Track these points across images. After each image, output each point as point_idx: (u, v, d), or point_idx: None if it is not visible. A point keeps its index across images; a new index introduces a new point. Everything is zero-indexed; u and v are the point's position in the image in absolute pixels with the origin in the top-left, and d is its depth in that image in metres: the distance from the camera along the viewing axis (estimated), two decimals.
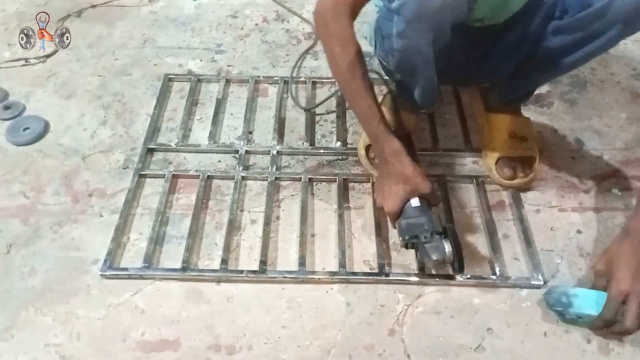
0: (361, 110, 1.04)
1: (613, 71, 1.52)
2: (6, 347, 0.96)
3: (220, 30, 1.65)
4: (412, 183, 1.01)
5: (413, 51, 0.98)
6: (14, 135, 1.31)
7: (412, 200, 1.01)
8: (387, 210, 1.03)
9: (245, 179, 1.23)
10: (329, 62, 1.05)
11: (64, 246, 1.11)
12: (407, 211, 1.01)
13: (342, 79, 1.03)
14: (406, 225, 1.01)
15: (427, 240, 0.98)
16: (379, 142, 1.04)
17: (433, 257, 0.97)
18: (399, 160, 1.01)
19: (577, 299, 0.99)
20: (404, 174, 1.01)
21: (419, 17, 0.90)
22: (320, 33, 1.05)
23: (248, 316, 1.01)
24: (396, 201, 1.01)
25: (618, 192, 1.22)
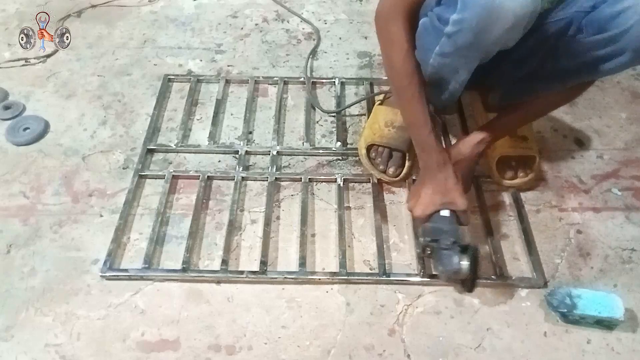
0: (413, 117, 1.04)
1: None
2: (6, 347, 0.96)
3: (220, 30, 1.65)
4: (450, 196, 1.02)
5: (450, 71, 0.99)
6: (14, 135, 1.30)
7: (443, 210, 1.01)
8: (417, 213, 1.04)
9: (245, 179, 1.23)
10: (386, 66, 1.06)
11: (64, 246, 1.11)
12: (435, 218, 1.02)
13: (400, 85, 1.03)
14: (431, 229, 1.01)
15: (446, 248, 0.98)
16: (426, 150, 1.04)
17: (447, 267, 0.97)
18: (445, 171, 1.02)
19: (580, 301, 0.99)
20: (445, 186, 1.02)
21: (471, 47, 0.91)
22: (379, 36, 1.04)
23: (248, 316, 1.01)
24: (428, 207, 1.02)
25: (618, 192, 1.22)
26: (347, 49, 1.58)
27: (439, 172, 1.03)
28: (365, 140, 1.23)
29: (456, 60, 0.96)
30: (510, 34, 0.89)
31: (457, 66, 0.98)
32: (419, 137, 1.04)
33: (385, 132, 1.21)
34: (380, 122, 1.22)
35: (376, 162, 1.22)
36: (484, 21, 0.86)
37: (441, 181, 1.02)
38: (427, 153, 1.04)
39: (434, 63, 0.99)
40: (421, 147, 1.05)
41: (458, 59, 0.96)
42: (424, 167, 1.06)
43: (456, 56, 0.95)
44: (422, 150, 1.05)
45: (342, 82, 1.46)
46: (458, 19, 0.88)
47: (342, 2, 1.76)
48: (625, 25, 0.90)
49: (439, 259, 0.99)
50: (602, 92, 1.46)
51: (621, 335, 0.99)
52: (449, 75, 1.01)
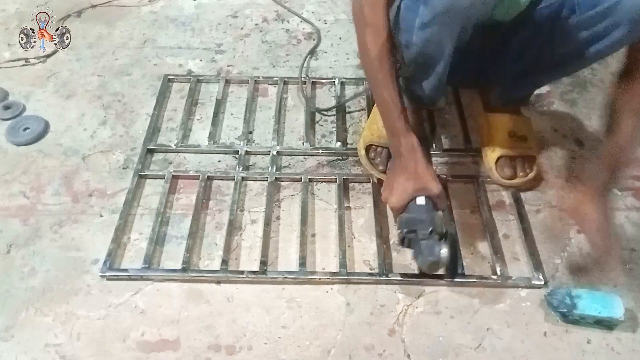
0: (383, 100, 1.01)
1: (613, 71, 1.51)
2: (6, 347, 0.96)
3: (220, 30, 1.65)
4: (422, 182, 0.99)
5: (433, 44, 0.97)
6: (14, 135, 1.30)
7: (419, 198, 0.99)
8: (391, 204, 1.02)
9: (246, 179, 1.23)
10: (359, 49, 1.04)
11: (64, 246, 1.11)
12: (411, 207, 1.00)
13: (370, 67, 1.01)
14: (406, 219, 0.99)
15: (424, 237, 0.97)
16: (396, 135, 1.01)
17: (427, 257, 0.96)
18: (414, 156, 1.00)
19: (580, 300, 0.99)
20: (416, 171, 0.99)
21: (448, 11, 0.89)
22: (354, 19, 1.03)
23: (248, 316, 1.01)
24: (402, 196, 1.00)
25: (618, 192, 1.22)
26: (347, 49, 1.58)
27: (408, 157, 1.00)
28: (364, 140, 1.23)
29: (437, 31, 0.94)
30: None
31: (440, 38, 0.96)
32: (389, 120, 1.02)
33: (384, 133, 1.20)
34: (379, 122, 1.21)
35: (375, 162, 1.22)
36: None
37: (411, 167, 1.00)
38: (397, 138, 1.01)
39: (417, 40, 0.97)
40: (391, 132, 1.02)
41: (439, 28, 0.94)
42: (395, 154, 1.04)
43: (436, 25, 0.93)
44: (392, 136, 1.03)
45: (342, 82, 1.46)
46: None
47: (342, 2, 1.76)
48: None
49: (418, 250, 0.98)
50: (602, 92, 1.46)
51: (621, 335, 0.99)
52: (434, 52, 0.99)
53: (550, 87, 1.46)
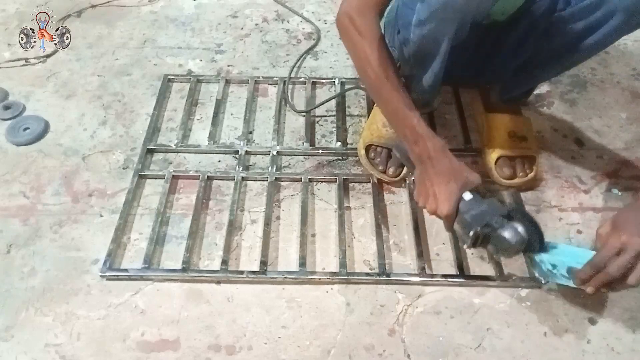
0: (396, 109, 0.98)
1: (613, 71, 1.52)
2: (6, 347, 0.96)
3: (220, 30, 1.65)
4: (462, 177, 0.95)
5: (430, 41, 0.96)
6: (14, 135, 1.31)
7: (465, 194, 0.95)
8: (444, 212, 0.95)
9: (246, 179, 1.23)
10: (357, 63, 1.01)
11: (64, 246, 1.11)
12: (464, 206, 0.95)
13: (375, 79, 0.98)
14: (472, 218, 0.93)
15: (499, 226, 0.91)
16: (420, 141, 0.96)
17: (512, 240, 0.90)
18: (445, 155, 0.96)
19: (555, 250, 0.95)
20: (453, 169, 0.95)
21: (445, 7, 0.88)
22: (346, 33, 1.00)
23: (248, 316, 1.01)
24: (451, 201, 0.94)
25: (618, 192, 1.22)
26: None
27: (440, 158, 0.96)
28: (364, 141, 1.23)
29: (434, 27, 0.93)
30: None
31: (437, 35, 0.95)
32: (408, 128, 0.97)
33: (384, 133, 1.21)
34: (379, 122, 1.22)
35: (375, 162, 1.22)
36: None
37: (446, 166, 0.95)
38: (422, 143, 0.96)
39: (414, 37, 0.96)
40: (413, 139, 0.97)
41: (436, 24, 0.93)
42: (421, 160, 0.98)
43: (433, 21, 0.92)
44: (414, 143, 0.97)
45: (342, 82, 1.46)
46: None
47: None
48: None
49: (498, 241, 0.92)
50: (602, 92, 1.46)
51: (621, 335, 0.99)
52: (431, 49, 0.98)
53: (550, 87, 1.46)
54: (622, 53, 1.56)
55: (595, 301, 1.03)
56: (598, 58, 1.53)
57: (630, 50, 1.58)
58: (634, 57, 1.56)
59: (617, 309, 1.03)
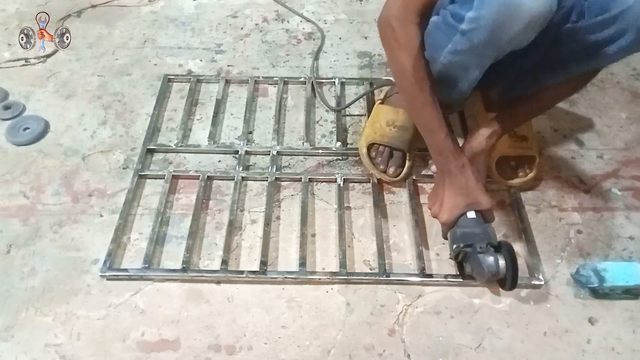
0: (427, 122, 1.03)
1: (613, 71, 1.52)
2: (6, 347, 0.96)
3: (220, 30, 1.65)
4: (473, 197, 1.01)
5: (461, 69, 0.98)
6: (14, 135, 1.30)
7: (469, 212, 1.01)
8: (443, 219, 1.04)
9: (246, 179, 1.23)
10: (395, 71, 1.05)
11: (64, 246, 1.11)
12: (462, 221, 1.02)
13: (410, 91, 1.02)
14: (462, 234, 1.00)
15: (482, 251, 0.97)
16: (444, 154, 1.03)
17: (487, 269, 0.96)
18: (464, 173, 1.02)
19: (607, 273, 1.02)
20: (467, 187, 1.02)
21: (487, 45, 0.90)
22: (386, 41, 1.03)
23: (248, 316, 1.01)
24: (454, 211, 1.02)
25: (618, 192, 1.22)
26: (347, 49, 1.58)
27: (459, 174, 1.02)
28: (366, 139, 1.23)
29: (469, 59, 0.96)
30: (526, 33, 0.88)
31: (469, 64, 0.97)
32: (435, 141, 1.03)
33: (387, 132, 1.20)
34: (382, 121, 1.22)
35: (377, 161, 1.22)
36: (501, 19, 0.85)
37: (462, 183, 1.02)
38: (445, 157, 1.03)
39: (445, 61, 0.97)
40: (437, 152, 1.04)
41: (471, 57, 0.95)
42: (442, 171, 1.05)
43: (469, 54, 0.94)
44: (439, 155, 1.04)
45: (342, 82, 1.46)
46: (474, 17, 0.87)
47: (342, 2, 1.76)
48: (626, 4, 0.89)
49: (475, 263, 0.98)
50: (602, 92, 1.46)
51: (621, 335, 0.99)
52: (459, 74, 1.00)
53: None
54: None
55: (595, 301, 1.03)
56: None
57: None
58: (634, 57, 1.55)
59: (617, 309, 1.03)
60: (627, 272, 1.02)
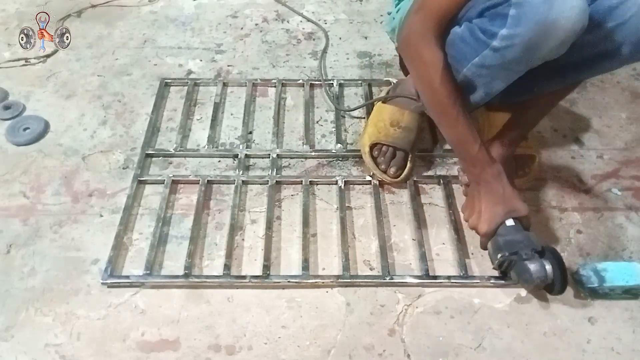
0: (460, 135, 1.02)
1: (613, 71, 1.52)
2: (6, 347, 0.96)
3: (220, 30, 1.65)
4: (510, 205, 1.01)
5: (484, 81, 0.99)
6: (14, 135, 1.30)
7: (507, 220, 1.01)
8: (483, 230, 1.03)
9: (246, 183, 1.22)
10: (422, 89, 1.05)
11: (64, 246, 1.11)
12: (502, 230, 1.01)
13: (440, 106, 1.02)
14: (504, 243, 1.00)
15: (527, 258, 0.97)
16: (479, 165, 1.02)
17: (535, 275, 0.96)
18: (500, 182, 1.02)
19: (607, 273, 1.02)
20: (504, 195, 1.01)
21: (519, 62, 0.91)
22: (411, 60, 1.03)
23: (248, 316, 1.01)
24: (493, 222, 1.01)
25: (618, 192, 1.22)
26: (347, 49, 1.58)
27: (495, 183, 1.02)
28: (369, 137, 1.23)
29: (496, 72, 0.96)
30: (559, 49, 0.89)
31: (495, 77, 0.97)
32: (469, 153, 1.03)
33: (391, 132, 1.20)
34: (386, 120, 1.21)
35: (379, 161, 1.21)
36: (537, 38, 0.85)
37: (499, 192, 1.02)
38: (480, 167, 1.02)
39: (468, 73, 0.98)
40: (471, 163, 1.04)
41: (499, 71, 0.95)
42: (477, 182, 1.04)
43: (498, 69, 0.94)
44: (473, 166, 1.04)
45: (341, 83, 1.46)
46: (509, 35, 0.87)
47: (342, 2, 1.76)
48: (623, 17, 0.90)
49: (522, 270, 0.98)
50: (602, 92, 1.46)
51: (621, 335, 0.99)
52: (480, 85, 1.01)
53: None
54: None
55: (595, 301, 1.03)
56: None
57: None
58: None
59: (617, 309, 1.03)
60: (627, 272, 1.02)
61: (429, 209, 1.19)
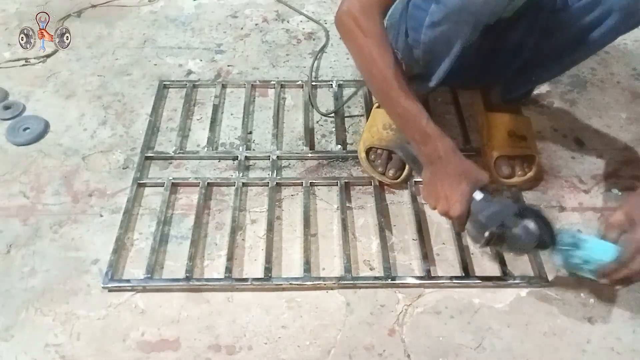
0: (406, 110, 0.97)
1: (613, 71, 1.52)
2: (6, 347, 0.96)
3: (220, 30, 1.65)
4: (472, 176, 0.95)
5: (442, 43, 0.95)
6: (14, 135, 1.30)
7: (475, 194, 0.94)
8: (456, 212, 0.94)
9: (246, 185, 1.22)
10: (362, 64, 1.00)
11: (64, 246, 1.11)
12: (476, 207, 0.94)
13: (382, 80, 0.97)
14: (486, 219, 0.92)
15: (514, 225, 0.91)
16: (430, 141, 0.96)
17: (526, 239, 0.91)
18: (455, 155, 0.96)
19: (586, 244, 0.94)
20: (464, 169, 0.95)
21: (461, 9, 0.88)
22: (349, 33, 0.98)
23: (248, 316, 1.01)
24: (463, 201, 0.93)
25: (618, 192, 1.22)
26: (347, 49, 1.58)
27: (449, 158, 0.96)
28: (364, 143, 1.23)
29: (447, 29, 0.93)
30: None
31: (450, 36, 0.94)
32: (417, 129, 0.97)
33: (384, 135, 1.20)
34: (379, 124, 1.22)
35: (375, 164, 1.21)
36: None
37: (458, 167, 0.95)
38: (432, 144, 0.96)
39: (425, 38, 0.96)
40: (421, 140, 0.97)
41: (449, 26, 0.92)
42: (431, 161, 0.97)
43: (447, 23, 0.91)
44: (423, 144, 0.97)
45: (340, 84, 1.45)
46: None
47: None
48: None
49: (513, 239, 0.92)
50: (602, 92, 1.46)
51: (621, 335, 0.99)
52: (442, 50, 0.97)
53: (550, 87, 1.46)
54: (622, 53, 1.56)
55: (595, 301, 1.03)
56: (598, 58, 1.53)
57: (630, 50, 1.58)
58: (634, 57, 1.56)
59: (617, 309, 1.03)
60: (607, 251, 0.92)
61: (429, 209, 1.18)
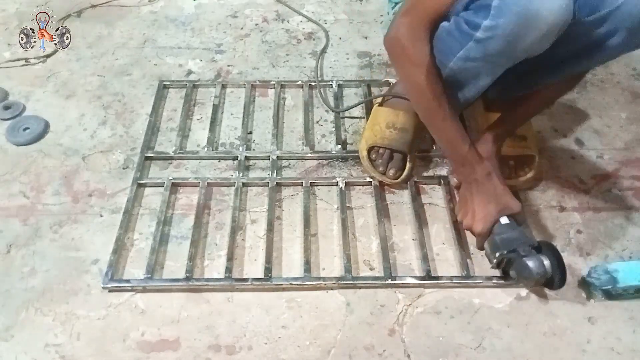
0: (450, 136, 1.03)
1: (613, 71, 1.52)
2: (6, 347, 0.96)
3: (220, 30, 1.65)
4: (503, 202, 1.01)
5: (471, 76, 0.98)
6: (14, 135, 1.30)
7: (502, 218, 1.01)
8: (478, 231, 1.03)
9: (246, 185, 1.22)
10: (410, 90, 1.05)
11: (64, 246, 1.11)
12: (498, 228, 1.01)
13: (429, 108, 1.02)
14: (502, 241, 1.00)
15: (525, 254, 0.97)
16: (469, 165, 1.03)
17: (534, 270, 0.96)
18: (491, 180, 1.02)
19: (619, 274, 1.01)
20: (495, 193, 1.02)
21: (501, 54, 0.90)
22: (398, 60, 1.03)
23: (248, 316, 1.01)
24: (488, 221, 1.01)
25: (618, 192, 1.22)
26: (347, 49, 1.58)
27: (486, 182, 1.02)
28: (366, 141, 1.23)
29: (481, 66, 0.96)
30: (541, 43, 0.88)
31: (480, 71, 0.97)
32: (459, 153, 1.03)
33: (387, 134, 1.20)
34: (382, 123, 1.22)
35: (377, 163, 1.21)
36: (518, 29, 0.85)
37: (490, 190, 1.02)
38: (470, 167, 1.03)
39: (454, 66, 0.98)
40: (461, 163, 1.04)
41: (483, 64, 0.95)
42: (468, 182, 1.05)
43: (483, 62, 0.94)
44: (462, 166, 1.04)
45: (340, 84, 1.45)
46: (491, 25, 0.87)
47: (342, 2, 1.76)
48: (614, 4, 0.89)
49: (521, 267, 0.98)
50: (602, 92, 1.46)
51: (621, 335, 0.99)
52: (467, 79, 1.01)
53: None
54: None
55: (595, 301, 1.04)
56: None
57: None
58: (634, 57, 1.56)
59: (617, 309, 1.03)
60: (638, 271, 1.02)
61: (430, 209, 1.19)
